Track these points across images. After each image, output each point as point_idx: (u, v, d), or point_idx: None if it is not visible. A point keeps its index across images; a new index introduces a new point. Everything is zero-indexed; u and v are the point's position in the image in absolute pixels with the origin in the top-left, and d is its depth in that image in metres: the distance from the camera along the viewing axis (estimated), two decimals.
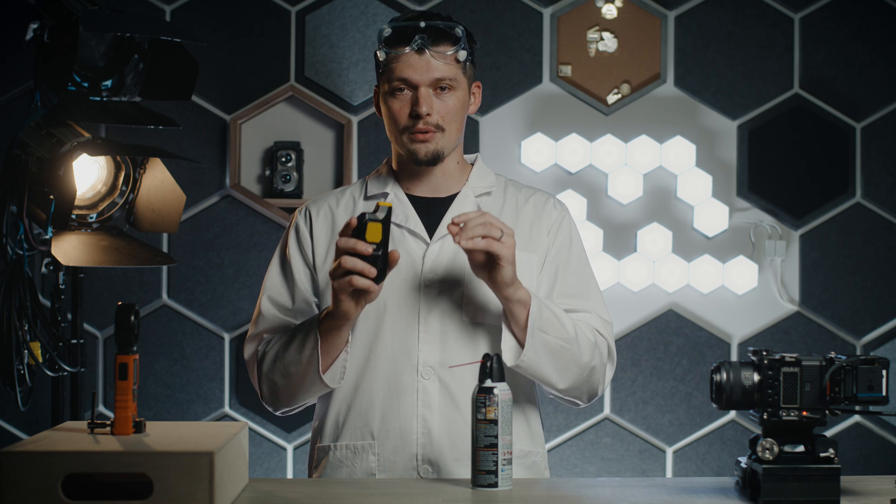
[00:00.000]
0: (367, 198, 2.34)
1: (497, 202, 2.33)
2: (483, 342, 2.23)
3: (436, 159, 2.25)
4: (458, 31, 2.23)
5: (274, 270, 2.33)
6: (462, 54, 2.22)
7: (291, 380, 2.21)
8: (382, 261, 2.02)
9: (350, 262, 2.01)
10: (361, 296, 2.07)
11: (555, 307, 2.20)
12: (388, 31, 2.23)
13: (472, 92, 2.31)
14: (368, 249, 2.00)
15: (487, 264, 2.09)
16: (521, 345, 2.15)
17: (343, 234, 2.04)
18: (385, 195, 2.32)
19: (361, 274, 2.01)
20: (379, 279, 2.03)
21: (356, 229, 2.02)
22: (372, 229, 2.01)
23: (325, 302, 2.26)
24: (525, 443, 2.26)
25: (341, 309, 2.08)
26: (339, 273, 2.03)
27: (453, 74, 2.22)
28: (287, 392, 2.23)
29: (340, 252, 2.03)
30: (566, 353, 2.17)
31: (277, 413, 2.30)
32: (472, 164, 2.38)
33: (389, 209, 2.02)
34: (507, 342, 2.16)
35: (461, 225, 2.06)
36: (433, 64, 2.20)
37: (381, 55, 2.24)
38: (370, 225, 2.00)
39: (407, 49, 2.20)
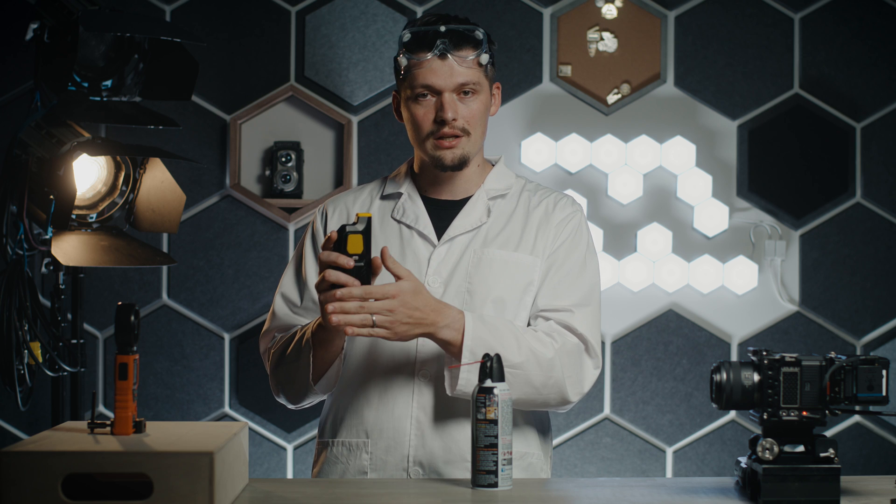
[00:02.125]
0: (382, 197, 2.34)
1: (510, 205, 2.33)
2: None
3: (462, 164, 2.25)
4: (479, 33, 2.22)
5: (290, 268, 2.36)
6: (484, 58, 2.22)
7: (293, 381, 2.23)
8: (366, 271, 2.02)
9: (334, 275, 2.01)
10: None
11: (503, 330, 2.16)
12: (408, 36, 2.22)
13: (493, 93, 2.31)
14: (350, 263, 2.01)
15: None
16: None
17: (325, 247, 2.04)
18: (399, 195, 2.32)
19: (346, 286, 2.02)
20: None
21: (337, 242, 2.02)
22: (353, 241, 2.01)
23: None
24: (518, 444, 2.25)
25: (327, 320, 2.08)
26: (324, 286, 2.03)
27: (476, 78, 2.22)
28: (291, 391, 2.26)
29: (324, 266, 2.03)
30: (513, 377, 2.13)
31: (289, 406, 2.33)
32: (494, 166, 2.37)
33: (369, 219, 2.02)
34: (446, 371, 2.15)
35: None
36: (456, 69, 2.20)
37: (402, 60, 2.23)
38: (351, 237, 2.01)
39: (429, 55, 2.19)
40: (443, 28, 2.20)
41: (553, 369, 2.17)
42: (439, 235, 2.28)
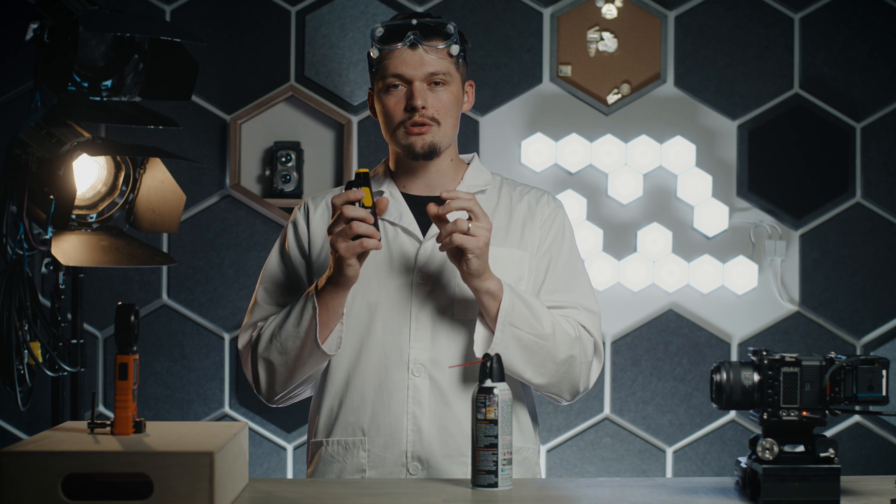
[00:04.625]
0: None
1: (491, 201, 2.35)
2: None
3: (432, 153, 2.26)
4: (450, 27, 2.25)
5: (272, 262, 2.36)
6: (455, 49, 2.25)
7: (288, 356, 2.21)
8: (376, 219, 2.13)
9: (363, 227, 2.07)
10: (363, 256, 2.13)
11: (534, 302, 2.20)
12: (380, 30, 2.25)
13: (465, 90, 2.33)
14: (372, 218, 2.10)
15: (458, 253, 2.12)
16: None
17: (339, 201, 2.09)
18: (381, 193, 2.33)
19: (368, 236, 2.08)
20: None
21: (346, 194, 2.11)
22: (367, 196, 2.11)
23: None
24: (515, 438, 2.26)
25: (348, 273, 2.11)
26: (348, 237, 2.07)
27: (446, 69, 2.24)
28: (284, 370, 2.23)
29: (346, 219, 2.07)
30: (540, 350, 2.17)
31: (272, 403, 2.29)
32: (469, 164, 2.39)
33: (367, 173, 2.12)
34: (479, 333, 2.18)
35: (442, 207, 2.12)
36: (426, 58, 2.23)
37: (374, 53, 2.27)
38: (366, 191, 2.11)
39: (399, 45, 2.23)
40: (414, 21, 2.24)
41: (574, 347, 2.21)
42: (423, 231, 2.29)
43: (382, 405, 2.23)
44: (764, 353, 1.90)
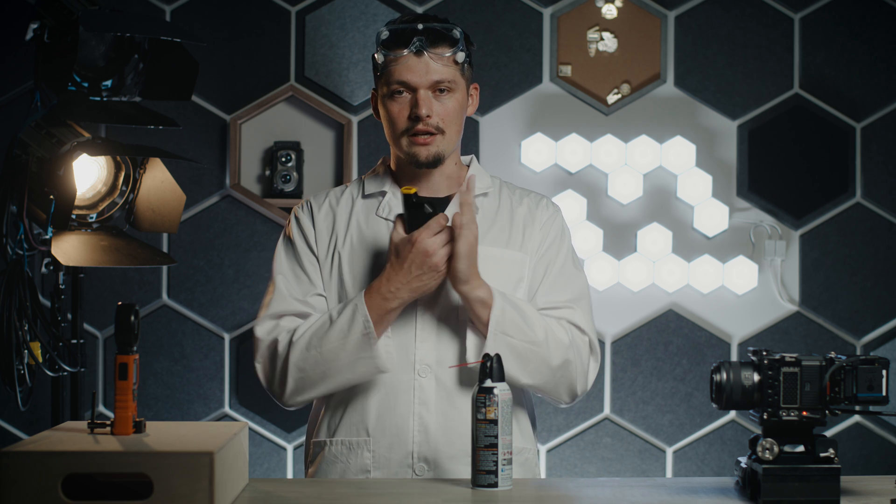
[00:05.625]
0: (364, 196, 2.34)
1: (493, 204, 2.35)
2: None
3: (437, 162, 2.26)
4: (456, 32, 2.24)
5: (283, 256, 2.31)
6: (460, 56, 2.24)
7: (329, 368, 2.18)
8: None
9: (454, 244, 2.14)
10: None
11: (526, 308, 2.20)
12: (385, 34, 2.24)
13: (470, 94, 2.32)
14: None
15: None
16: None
17: (444, 221, 2.14)
18: (383, 194, 2.33)
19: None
20: None
21: (422, 217, 2.15)
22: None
23: (330, 293, 2.27)
24: (516, 440, 2.26)
25: (433, 285, 2.16)
26: (440, 257, 2.13)
27: (452, 76, 2.23)
28: (320, 381, 2.20)
29: (434, 245, 2.12)
30: (533, 356, 2.17)
31: (289, 406, 2.26)
32: (468, 166, 2.39)
33: (414, 194, 2.15)
34: (470, 340, 2.18)
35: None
36: (432, 66, 2.22)
37: (379, 58, 2.25)
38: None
39: (405, 51, 2.21)
40: (420, 26, 2.22)
41: (568, 352, 2.21)
42: None
43: (388, 406, 2.22)
44: (764, 353, 1.90)
